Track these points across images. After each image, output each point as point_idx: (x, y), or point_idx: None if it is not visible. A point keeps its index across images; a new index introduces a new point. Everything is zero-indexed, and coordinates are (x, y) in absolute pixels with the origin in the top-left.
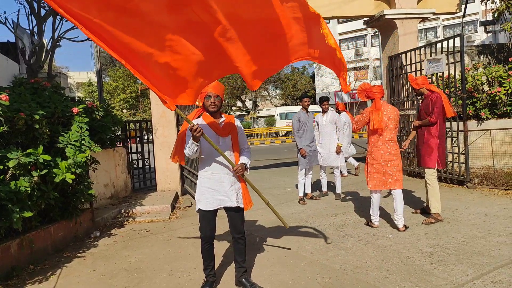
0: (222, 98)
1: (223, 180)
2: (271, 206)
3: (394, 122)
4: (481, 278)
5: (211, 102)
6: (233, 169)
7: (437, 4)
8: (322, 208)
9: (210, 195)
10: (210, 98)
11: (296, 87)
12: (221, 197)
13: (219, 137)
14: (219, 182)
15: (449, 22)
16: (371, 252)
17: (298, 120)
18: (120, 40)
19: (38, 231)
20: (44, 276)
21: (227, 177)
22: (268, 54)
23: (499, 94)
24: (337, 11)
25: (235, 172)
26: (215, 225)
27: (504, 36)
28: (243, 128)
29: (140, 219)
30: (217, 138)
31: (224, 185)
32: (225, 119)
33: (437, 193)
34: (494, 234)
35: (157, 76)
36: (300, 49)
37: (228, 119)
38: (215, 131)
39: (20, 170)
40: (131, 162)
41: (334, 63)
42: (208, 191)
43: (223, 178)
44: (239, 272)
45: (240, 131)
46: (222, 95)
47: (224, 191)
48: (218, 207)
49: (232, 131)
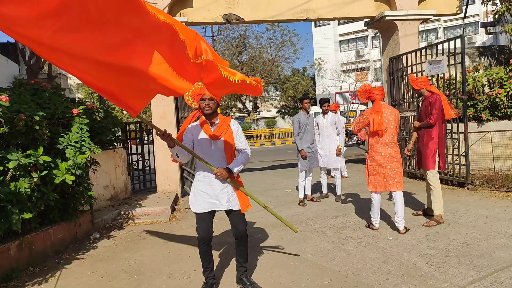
0: (218, 100)
1: (213, 183)
2: (270, 210)
3: (395, 124)
4: (482, 280)
5: (205, 105)
6: (213, 172)
7: (438, 5)
8: (323, 210)
9: (201, 197)
10: (204, 100)
11: (297, 88)
12: (211, 200)
13: (211, 140)
14: (210, 185)
15: (450, 23)
16: (371, 255)
17: (298, 122)
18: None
19: (37, 233)
20: (44, 277)
21: (218, 180)
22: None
23: (500, 96)
24: (338, 13)
25: (218, 176)
26: (211, 227)
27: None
28: (243, 130)
29: (140, 221)
30: (209, 141)
31: (214, 188)
32: (220, 121)
33: (440, 194)
34: (495, 237)
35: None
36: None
37: (223, 121)
38: (207, 134)
39: (20, 171)
40: (131, 164)
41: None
42: (200, 193)
43: (213, 181)
44: (240, 271)
45: (237, 134)
46: (218, 97)
47: (215, 194)
48: (209, 210)
49: (226, 134)
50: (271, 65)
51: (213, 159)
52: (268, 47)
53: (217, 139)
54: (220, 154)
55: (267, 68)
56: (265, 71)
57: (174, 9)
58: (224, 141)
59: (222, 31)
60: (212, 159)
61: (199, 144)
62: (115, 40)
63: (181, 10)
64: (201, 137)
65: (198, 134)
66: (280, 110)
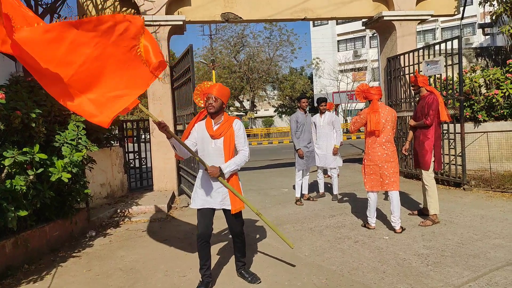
0: (224, 100)
1: (212, 181)
2: (263, 218)
3: (392, 124)
4: (477, 280)
5: (209, 103)
6: (204, 169)
7: (436, 6)
8: (319, 209)
9: (197, 194)
10: (208, 99)
11: (294, 87)
12: (205, 198)
13: (211, 139)
14: (207, 182)
15: (447, 24)
16: (367, 254)
17: (296, 121)
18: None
19: (33, 230)
20: (39, 275)
21: (219, 179)
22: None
23: (496, 96)
24: (336, 12)
25: (209, 174)
26: (211, 224)
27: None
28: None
29: (136, 219)
30: (210, 139)
31: (211, 186)
32: (223, 121)
33: (435, 194)
34: (490, 237)
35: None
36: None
37: (226, 120)
38: (209, 133)
39: (15, 169)
40: (128, 162)
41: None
42: (197, 190)
43: (211, 179)
44: (238, 266)
45: (237, 134)
46: (224, 97)
47: (210, 192)
48: (202, 207)
49: (226, 134)
50: (269, 64)
51: (212, 158)
52: (266, 46)
53: (217, 138)
54: (219, 153)
55: (265, 67)
56: (263, 70)
57: (172, 8)
58: (224, 141)
59: (220, 30)
60: (211, 158)
61: (202, 142)
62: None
63: (179, 8)
64: (204, 135)
65: (202, 132)
66: (277, 109)
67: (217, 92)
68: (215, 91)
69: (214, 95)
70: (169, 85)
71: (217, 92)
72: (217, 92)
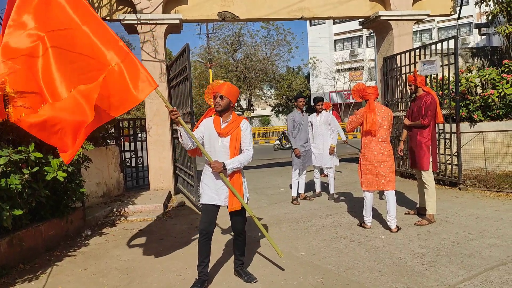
0: (232, 99)
1: (217, 178)
2: (257, 222)
3: (388, 124)
4: (472, 279)
5: (216, 102)
6: (207, 163)
7: (432, 6)
8: (315, 208)
9: (204, 190)
10: (215, 98)
11: (291, 87)
12: (211, 194)
13: (219, 136)
14: (212, 179)
15: (444, 24)
16: (363, 253)
17: (293, 120)
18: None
19: (28, 230)
20: (34, 274)
21: (220, 174)
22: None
23: (492, 96)
24: (333, 12)
25: (212, 168)
26: (214, 220)
27: (498, 39)
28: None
29: (132, 218)
30: (217, 137)
31: (217, 183)
32: (231, 120)
33: (434, 194)
34: (486, 236)
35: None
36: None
37: (234, 120)
38: (216, 130)
39: (11, 168)
40: (124, 161)
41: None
42: (203, 186)
43: (216, 175)
44: (236, 264)
45: (244, 134)
46: (231, 97)
47: (215, 189)
48: (208, 202)
49: (233, 133)
50: (266, 63)
51: (217, 155)
52: (263, 46)
53: (224, 136)
54: (225, 151)
55: (261, 67)
56: (260, 69)
57: (168, 6)
58: (231, 139)
59: (217, 29)
60: (216, 155)
61: (209, 138)
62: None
63: (175, 7)
64: (211, 132)
65: (210, 128)
66: (274, 108)
67: (225, 91)
68: (223, 90)
69: (222, 94)
70: (165, 84)
71: (225, 91)
72: (225, 91)
